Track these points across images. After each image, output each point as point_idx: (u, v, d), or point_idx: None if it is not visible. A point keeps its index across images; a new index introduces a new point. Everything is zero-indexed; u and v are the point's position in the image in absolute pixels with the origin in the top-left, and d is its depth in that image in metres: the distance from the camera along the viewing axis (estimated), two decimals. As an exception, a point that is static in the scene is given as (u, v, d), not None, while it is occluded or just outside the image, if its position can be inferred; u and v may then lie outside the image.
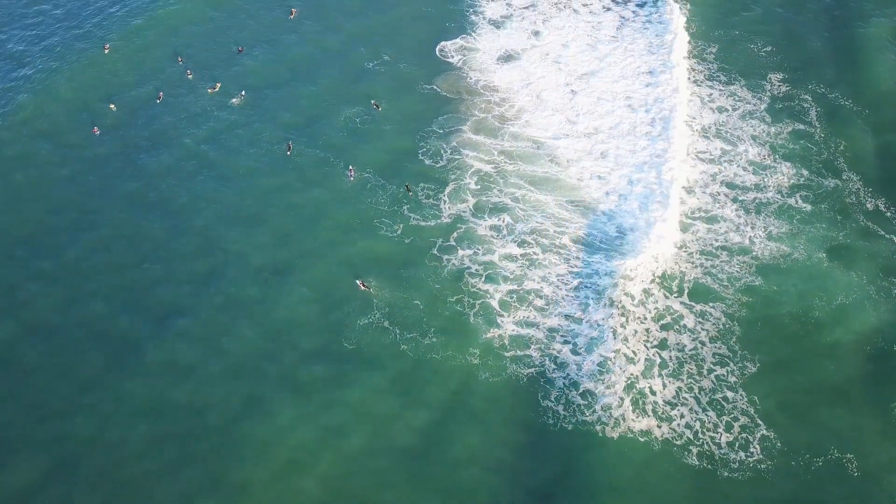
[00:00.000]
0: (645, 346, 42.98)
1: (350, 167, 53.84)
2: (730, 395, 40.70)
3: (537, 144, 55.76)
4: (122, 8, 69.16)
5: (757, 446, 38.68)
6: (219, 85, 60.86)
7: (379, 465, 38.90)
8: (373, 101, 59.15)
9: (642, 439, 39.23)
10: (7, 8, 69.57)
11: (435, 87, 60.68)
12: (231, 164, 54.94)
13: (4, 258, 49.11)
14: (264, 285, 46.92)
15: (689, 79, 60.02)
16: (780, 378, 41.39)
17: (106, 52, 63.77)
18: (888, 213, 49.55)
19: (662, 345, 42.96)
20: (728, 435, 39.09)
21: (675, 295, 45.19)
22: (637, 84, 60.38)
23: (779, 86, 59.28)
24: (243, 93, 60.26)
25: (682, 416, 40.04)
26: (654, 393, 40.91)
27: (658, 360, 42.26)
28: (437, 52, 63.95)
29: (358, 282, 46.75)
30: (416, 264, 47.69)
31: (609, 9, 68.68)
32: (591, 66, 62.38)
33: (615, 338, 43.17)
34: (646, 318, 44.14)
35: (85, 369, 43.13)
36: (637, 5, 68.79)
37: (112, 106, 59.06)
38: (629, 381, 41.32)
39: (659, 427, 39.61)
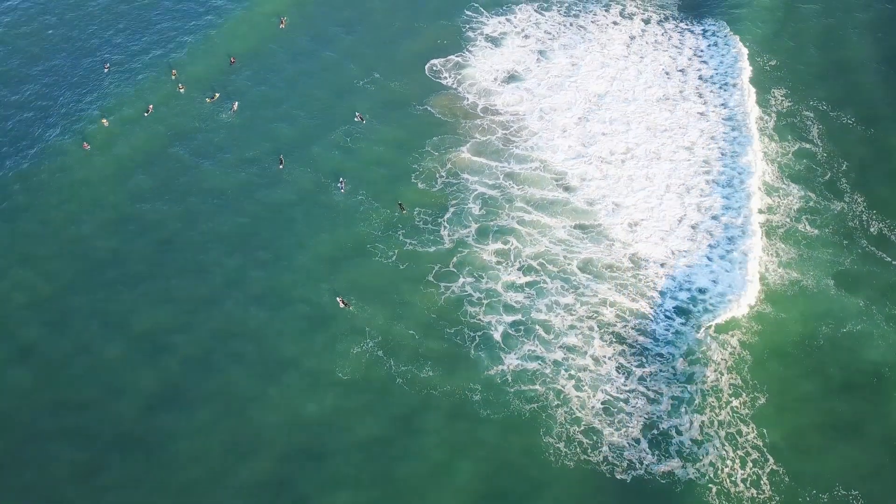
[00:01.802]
0: (667, 385, 41.52)
1: (341, 179, 53.07)
2: (743, 428, 39.49)
3: (545, 167, 53.91)
4: (124, 25, 68.81)
5: (766, 482, 37.62)
6: (217, 95, 60.47)
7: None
8: (357, 114, 58.30)
9: (663, 482, 37.77)
10: (13, 27, 68.91)
11: (428, 108, 59.06)
12: (222, 177, 54.25)
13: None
14: (255, 308, 45.82)
15: (705, 100, 58.49)
16: (786, 410, 40.36)
17: (106, 71, 63.44)
18: (892, 238, 48.74)
19: (690, 380, 41.47)
20: (742, 472, 37.95)
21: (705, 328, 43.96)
22: (653, 107, 57.89)
23: (781, 100, 58.04)
24: (236, 105, 59.61)
25: (707, 454, 38.59)
26: (679, 433, 39.42)
27: (686, 397, 40.80)
28: (427, 71, 62.19)
29: (338, 299, 45.44)
30: (412, 291, 46.23)
31: (616, 23, 66.35)
32: (602, 86, 59.90)
33: (629, 378, 41.95)
34: (674, 356, 42.68)
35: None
36: (643, 21, 66.45)
37: (104, 121, 58.07)
38: (649, 421, 39.98)
39: (683, 468, 38.18)
